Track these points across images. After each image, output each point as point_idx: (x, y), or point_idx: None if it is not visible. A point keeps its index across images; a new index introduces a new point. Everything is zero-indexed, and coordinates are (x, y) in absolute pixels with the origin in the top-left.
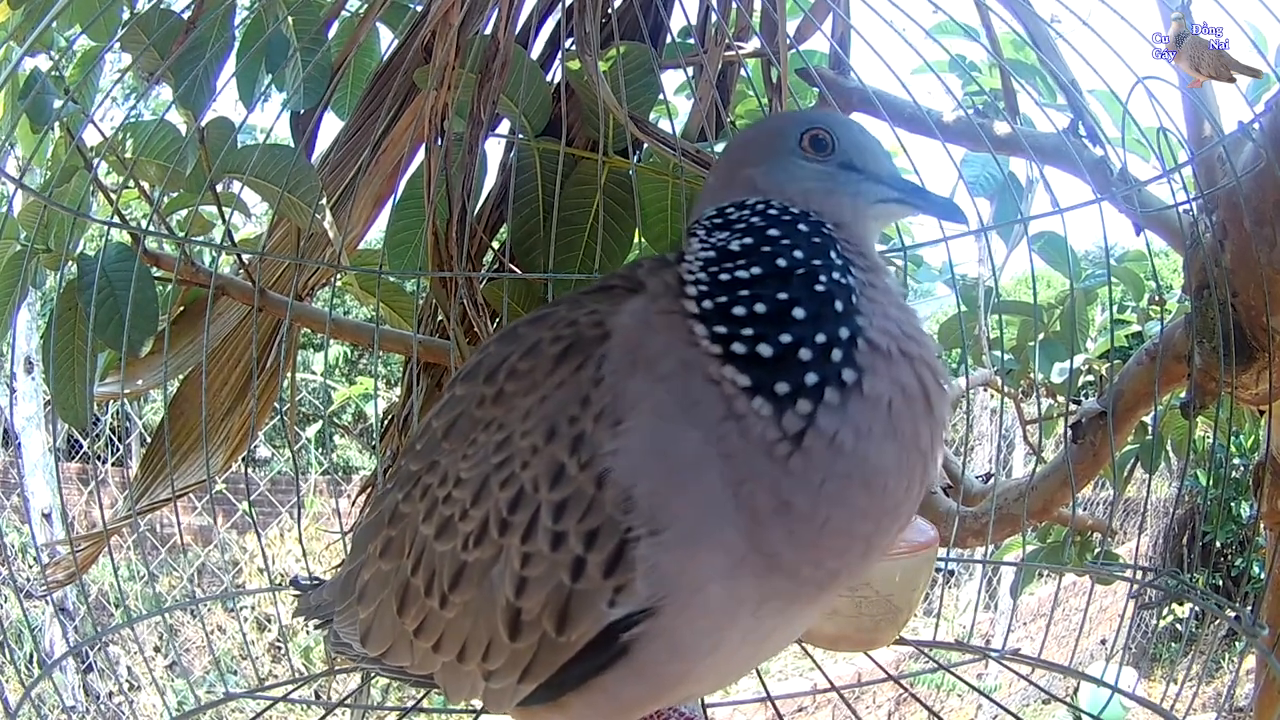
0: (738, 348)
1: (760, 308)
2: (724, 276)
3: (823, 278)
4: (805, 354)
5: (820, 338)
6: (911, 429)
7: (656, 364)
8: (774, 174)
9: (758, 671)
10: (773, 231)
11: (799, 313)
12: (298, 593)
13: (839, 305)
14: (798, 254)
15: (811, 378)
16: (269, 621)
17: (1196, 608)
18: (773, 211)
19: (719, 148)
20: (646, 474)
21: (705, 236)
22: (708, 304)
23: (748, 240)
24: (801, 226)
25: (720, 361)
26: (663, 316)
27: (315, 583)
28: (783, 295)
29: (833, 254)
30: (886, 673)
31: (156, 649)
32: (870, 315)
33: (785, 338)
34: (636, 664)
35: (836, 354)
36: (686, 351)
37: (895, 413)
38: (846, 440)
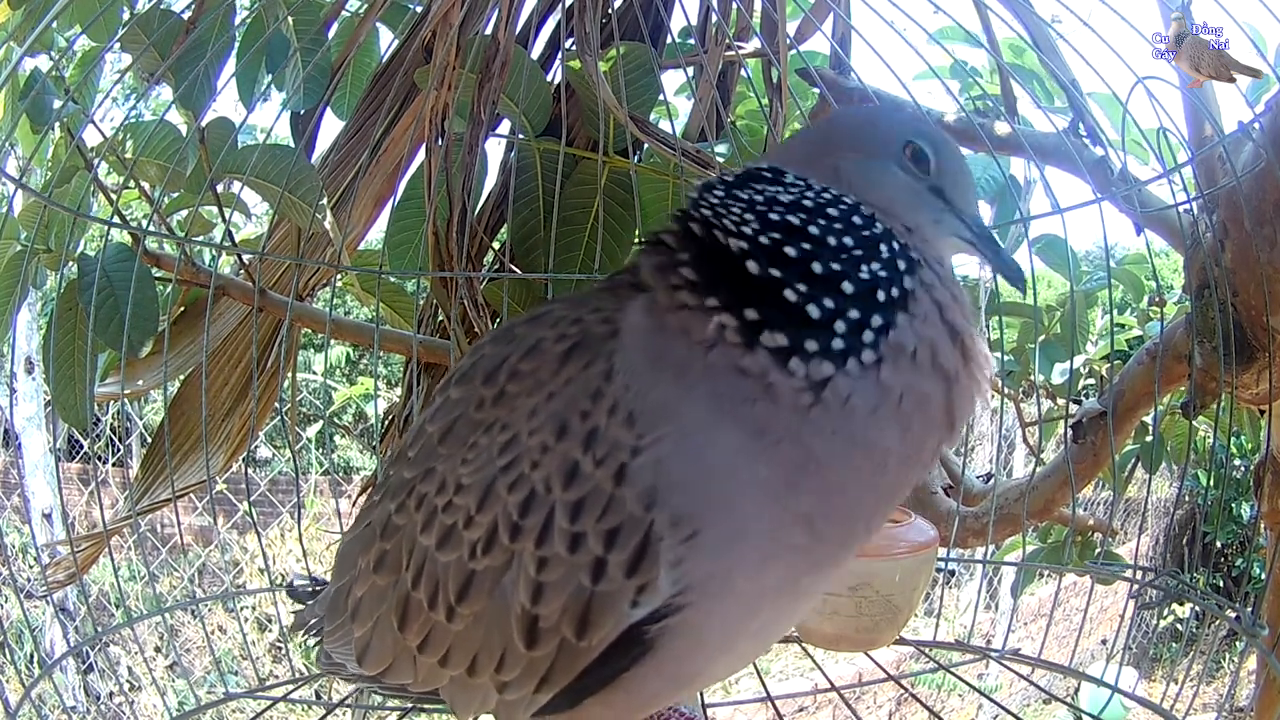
0: (789, 295)
1: (818, 268)
2: (774, 217)
3: (864, 267)
4: (840, 326)
5: (855, 314)
6: (920, 431)
7: (683, 373)
8: (866, 172)
9: (758, 671)
10: (832, 210)
11: (848, 286)
12: (297, 604)
13: (881, 296)
14: (847, 240)
15: (839, 344)
16: (269, 622)
17: (1197, 608)
18: (846, 202)
19: (720, 148)
20: (676, 483)
21: (750, 185)
22: (764, 239)
23: (805, 202)
24: (856, 219)
25: (743, 349)
26: (675, 315)
27: (314, 587)
28: (835, 265)
29: (885, 249)
30: (887, 673)
31: (157, 649)
32: (917, 316)
33: (829, 303)
34: (658, 661)
35: (868, 335)
36: (709, 353)
37: (904, 409)
38: (858, 406)
